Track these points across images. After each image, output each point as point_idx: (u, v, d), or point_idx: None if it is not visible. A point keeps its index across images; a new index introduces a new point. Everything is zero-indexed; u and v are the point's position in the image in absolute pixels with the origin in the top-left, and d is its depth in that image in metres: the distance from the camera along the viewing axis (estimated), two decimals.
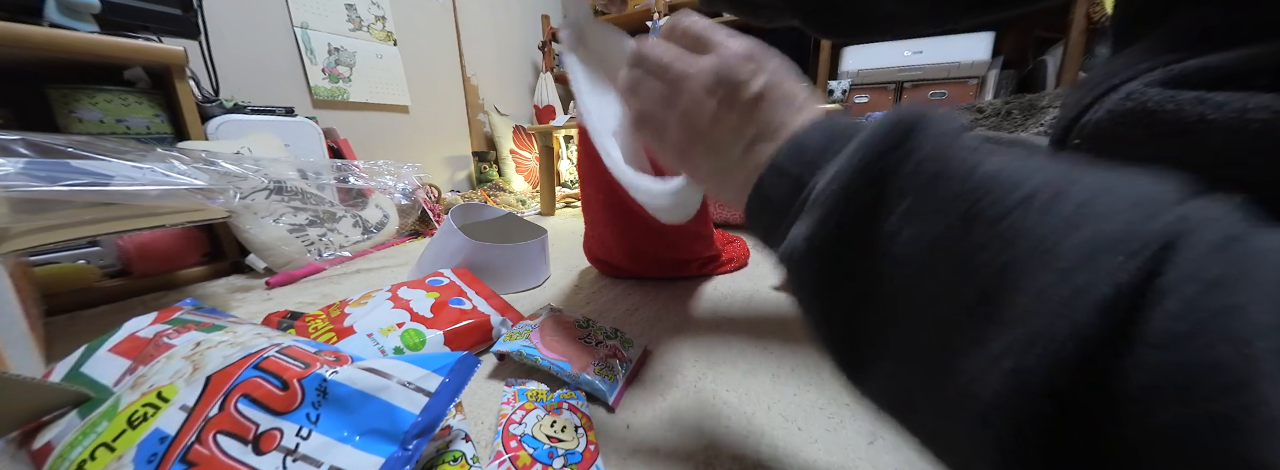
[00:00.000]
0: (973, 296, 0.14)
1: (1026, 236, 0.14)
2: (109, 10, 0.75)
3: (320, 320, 0.53)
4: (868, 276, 0.18)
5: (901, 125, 0.18)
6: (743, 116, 0.22)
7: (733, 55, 0.23)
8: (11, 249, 0.46)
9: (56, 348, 0.56)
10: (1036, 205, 0.14)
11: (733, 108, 0.22)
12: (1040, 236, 0.13)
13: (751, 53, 0.23)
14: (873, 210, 0.17)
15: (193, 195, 0.65)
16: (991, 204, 0.15)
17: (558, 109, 2.17)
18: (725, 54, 0.23)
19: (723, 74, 0.22)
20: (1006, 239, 0.14)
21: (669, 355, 0.54)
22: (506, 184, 1.91)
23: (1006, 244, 0.14)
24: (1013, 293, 0.13)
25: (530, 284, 0.82)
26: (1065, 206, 0.13)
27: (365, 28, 1.56)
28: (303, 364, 0.32)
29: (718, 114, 0.23)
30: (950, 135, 0.17)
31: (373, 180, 1.05)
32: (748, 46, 0.23)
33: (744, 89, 0.22)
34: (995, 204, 0.15)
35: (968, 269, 0.15)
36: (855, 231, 0.18)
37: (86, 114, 0.77)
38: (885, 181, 0.17)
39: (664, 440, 0.39)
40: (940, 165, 0.16)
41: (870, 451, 0.37)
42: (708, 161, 0.24)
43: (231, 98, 1.10)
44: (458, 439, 0.35)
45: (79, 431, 0.31)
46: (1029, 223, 0.14)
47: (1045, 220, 0.13)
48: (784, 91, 0.22)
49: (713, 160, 0.24)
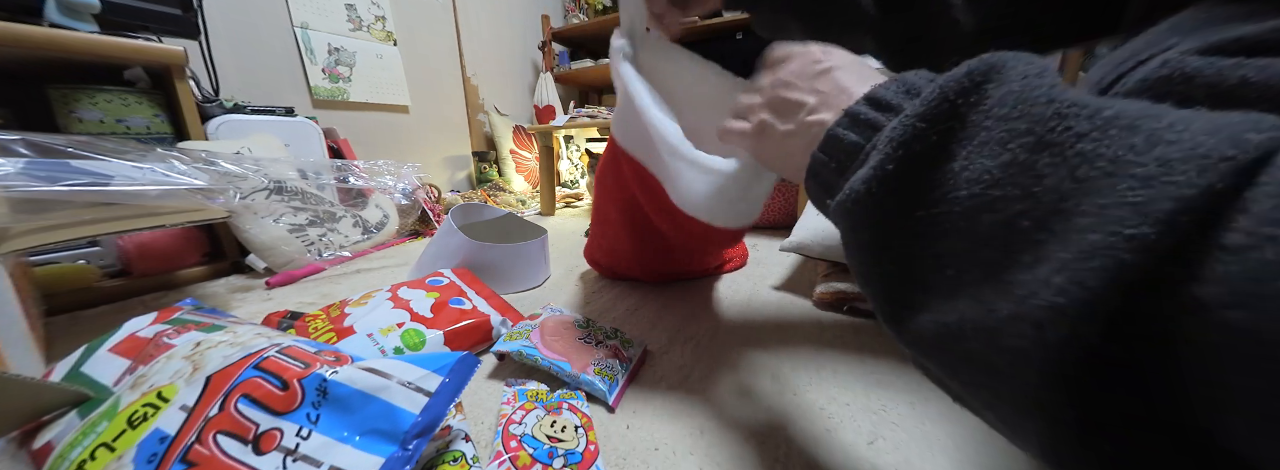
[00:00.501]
0: (1039, 215, 0.14)
1: (1110, 147, 0.13)
2: (109, 10, 0.75)
3: (320, 320, 0.53)
4: (927, 212, 0.18)
5: (978, 70, 0.18)
6: (815, 81, 0.26)
7: (804, 48, 0.28)
8: (11, 249, 0.46)
9: (56, 348, 0.56)
10: (1122, 123, 0.14)
11: (806, 77, 0.26)
12: (1126, 146, 0.13)
13: (821, 47, 0.28)
14: (940, 149, 0.18)
15: (193, 195, 0.65)
16: (1071, 126, 0.14)
17: (558, 109, 2.17)
18: (801, 50, 0.29)
19: (798, 57, 0.28)
20: (1085, 156, 0.14)
21: (669, 355, 0.54)
22: (506, 184, 1.91)
23: (1084, 160, 0.14)
24: (1082, 205, 0.13)
25: (530, 284, 0.82)
26: (1155, 124, 0.13)
27: (365, 28, 1.56)
28: (303, 364, 0.32)
29: (794, 84, 0.27)
30: (1034, 74, 0.17)
31: (373, 180, 1.05)
32: (817, 45, 0.28)
33: (816, 64, 0.26)
34: (1076, 125, 0.14)
35: (1038, 189, 0.14)
36: (917, 169, 0.18)
37: (86, 114, 0.77)
38: (956, 120, 0.17)
39: (664, 440, 0.39)
40: (1021, 96, 0.16)
41: (870, 451, 0.37)
42: (780, 126, 0.27)
43: (231, 98, 1.10)
44: (458, 439, 0.35)
45: (79, 431, 0.31)
46: (1110, 138, 0.14)
47: (1129, 137, 0.13)
48: (854, 67, 0.26)
49: (786, 123, 0.27)
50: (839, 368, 0.50)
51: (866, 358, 0.52)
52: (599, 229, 0.76)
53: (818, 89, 0.25)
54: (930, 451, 0.37)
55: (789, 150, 0.27)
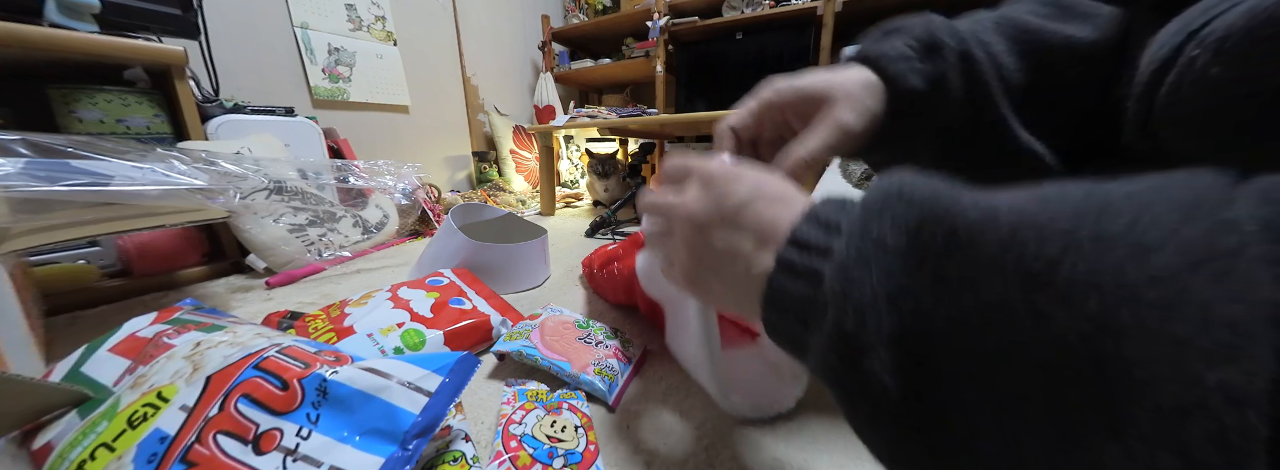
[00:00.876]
0: (1076, 375, 0.11)
1: (1095, 282, 0.11)
2: (109, 10, 0.75)
3: (320, 320, 0.53)
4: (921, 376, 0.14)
5: (886, 191, 0.16)
6: (734, 224, 0.22)
7: (710, 171, 0.24)
8: (11, 249, 0.46)
9: (56, 348, 0.56)
10: (1083, 241, 0.11)
11: (723, 218, 0.22)
12: (1111, 276, 0.11)
13: (728, 167, 0.24)
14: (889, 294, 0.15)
15: (193, 195, 0.65)
16: (1035, 255, 0.12)
17: (558, 109, 2.17)
18: (703, 173, 0.24)
19: (706, 189, 0.23)
20: (1073, 296, 0.11)
21: (669, 355, 0.54)
22: (506, 184, 1.91)
23: (1077, 301, 0.11)
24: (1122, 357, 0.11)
25: (530, 284, 0.82)
26: (1115, 226, 0.11)
27: (365, 28, 1.56)
28: (303, 364, 0.32)
29: (712, 229, 0.22)
30: (939, 189, 0.16)
31: (373, 180, 1.05)
32: (723, 163, 0.24)
33: (729, 198, 0.22)
34: (1038, 253, 0.12)
35: (1052, 342, 0.12)
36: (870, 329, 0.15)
37: (86, 114, 0.77)
38: (894, 254, 0.15)
39: (664, 440, 0.39)
40: (951, 223, 0.14)
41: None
42: (717, 280, 0.23)
43: (231, 98, 1.10)
44: (458, 439, 0.35)
45: (79, 431, 0.31)
46: (1084, 267, 0.11)
47: (1103, 256, 0.11)
48: (771, 192, 0.22)
49: (720, 278, 0.23)
50: None
51: None
52: (597, 287, 0.75)
53: (746, 227, 0.21)
54: None
55: (735, 300, 0.23)
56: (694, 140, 2.00)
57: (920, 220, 0.15)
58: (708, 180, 0.23)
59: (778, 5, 1.71)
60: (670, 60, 1.96)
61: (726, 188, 0.22)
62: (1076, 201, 0.13)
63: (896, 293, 0.14)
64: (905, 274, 0.14)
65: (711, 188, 0.23)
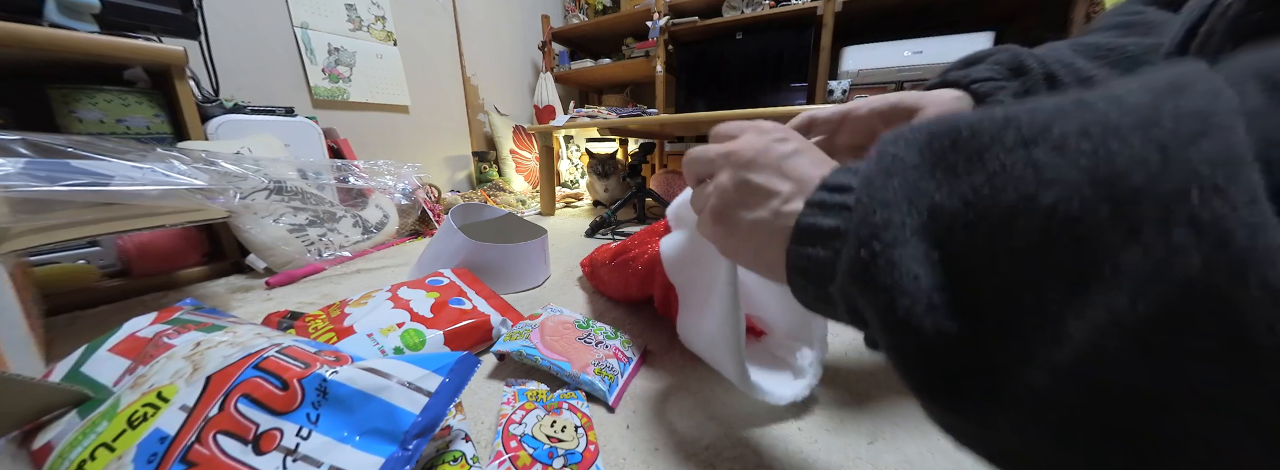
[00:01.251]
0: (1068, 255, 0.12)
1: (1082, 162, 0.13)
2: (109, 10, 0.75)
3: (320, 320, 0.53)
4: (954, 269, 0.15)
5: (896, 130, 0.18)
6: (778, 169, 0.24)
7: (768, 125, 0.26)
8: (11, 249, 0.46)
9: (56, 348, 0.56)
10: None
11: (769, 162, 0.24)
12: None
13: (773, 124, 0.26)
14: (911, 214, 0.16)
15: (193, 195, 0.66)
16: (1028, 124, 0.14)
17: (558, 109, 2.17)
18: (761, 125, 0.27)
19: (754, 134, 0.26)
20: (1068, 144, 0.13)
21: (669, 355, 0.54)
22: (506, 184, 1.91)
23: (1071, 147, 0.13)
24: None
25: (530, 284, 0.82)
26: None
27: (365, 28, 1.56)
28: (303, 364, 0.32)
29: (755, 168, 0.24)
30: (943, 115, 0.17)
31: (373, 180, 1.05)
32: (776, 124, 0.26)
33: (781, 145, 0.24)
34: (1031, 123, 0.14)
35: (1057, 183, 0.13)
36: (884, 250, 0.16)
37: (86, 114, 0.77)
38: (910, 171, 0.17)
39: (664, 440, 0.39)
40: (954, 127, 0.16)
41: (870, 451, 0.37)
42: (745, 217, 0.24)
43: (231, 98, 1.10)
44: (458, 439, 0.35)
45: (79, 431, 0.31)
46: (1073, 124, 0.13)
47: (1088, 112, 0.13)
48: (818, 156, 0.24)
49: (751, 213, 0.24)
50: (839, 366, 0.50)
51: (866, 356, 0.52)
52: (601, 284, 0.75)
53: (788, 175, 0.23)
54: (930, 451, 0.37)
55: (757, 242, 0.24)
56: (694, 140, 2.00)
57: (929, 135, 0.17)
58: (765, 129, 0.26)
59: (778, 5, 1.71)
60: (670, 60, 1.96)
61: (781, 136, 0.25)
62: (1066, 97, 0.15)
63: (915, 194, 0.16)
64: (922, 178, 0.16)
65: (767, 135, 0.25)
